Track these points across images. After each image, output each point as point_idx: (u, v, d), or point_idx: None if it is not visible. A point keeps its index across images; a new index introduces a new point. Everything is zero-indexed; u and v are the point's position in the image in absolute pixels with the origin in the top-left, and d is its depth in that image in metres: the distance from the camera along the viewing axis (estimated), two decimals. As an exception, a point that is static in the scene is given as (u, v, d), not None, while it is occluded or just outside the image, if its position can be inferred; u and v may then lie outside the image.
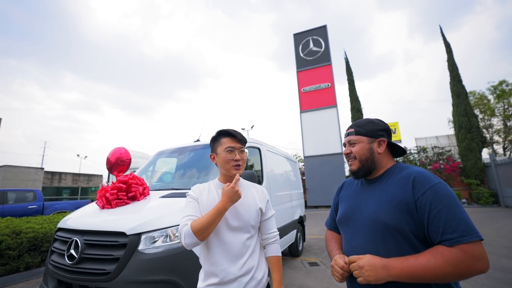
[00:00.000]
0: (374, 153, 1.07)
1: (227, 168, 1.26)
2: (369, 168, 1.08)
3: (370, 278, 0.87)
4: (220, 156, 1.27)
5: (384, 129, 1.11)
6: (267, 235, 1.33)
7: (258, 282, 1.20)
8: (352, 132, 1.12)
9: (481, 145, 14.77)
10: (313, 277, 3.93)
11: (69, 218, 2.55)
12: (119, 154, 2.93)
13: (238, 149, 1.27)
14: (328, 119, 17.02)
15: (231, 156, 1.25)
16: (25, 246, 4.13)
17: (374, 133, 1.09)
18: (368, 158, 1.07)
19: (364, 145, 1.08)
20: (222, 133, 1.31)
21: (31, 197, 9.17)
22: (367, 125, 1.11)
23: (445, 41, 16.93)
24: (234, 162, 1.25)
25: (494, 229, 6.88)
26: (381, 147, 1.09)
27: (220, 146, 1.29)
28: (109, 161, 2.91)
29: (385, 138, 1.09)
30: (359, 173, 1.10)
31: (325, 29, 18.56)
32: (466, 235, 0.81)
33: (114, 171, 2.89)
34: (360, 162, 1.08)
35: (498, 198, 12.98)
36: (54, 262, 2.20)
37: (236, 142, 1.28)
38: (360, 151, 1.08)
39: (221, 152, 1.27)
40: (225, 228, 1.20)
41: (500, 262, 4.15)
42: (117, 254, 1.95)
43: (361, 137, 1.10)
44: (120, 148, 3.03)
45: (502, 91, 20.35)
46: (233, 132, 1.29)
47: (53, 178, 22.89)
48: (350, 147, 1.12)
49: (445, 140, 19.38)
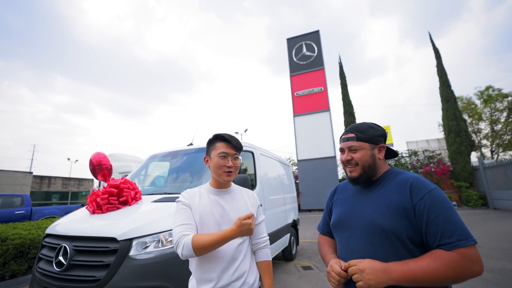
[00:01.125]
0: (375, 160, 1.07)
1: (219, 174, 1.25)
2: (370, 174, 1.07)
3: (371, 282, 0.86)
4: (213, 161, 1.26)
5: (383, 134, 1.10)
6: (258, 240, 1.32)
7: (250, 287, 1.19)
8: (352, 137, 1.09)
9: (470, 148, 15.10)
10: (307, 281, 3.91)
11: (58, 223, 2.49)
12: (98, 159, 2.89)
13: (232, 156, 1.26)
14: (321, 123, 17.16)
15: (224, 162, 1.24)
16: (11, 253, 4.00)
17: (375, 139, 1.08)
18: (370, 165, 1.06)
19: (367, 152, 1.06)
20: (218, 138, 1.30)
21: (18, 202, 8.89)
22: (368, 130, 1.08)
23: (434, 47, 17.36)
24: (226, 169, 1.24)
25: (483, 231, 7.01)
26: (381, 153, 1.08)
27: (214, 150, 1.28)
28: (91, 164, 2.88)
29: (384, 144, 1.10)
30: (360, 180, 1.08)
31: (318, 34, 18.82)
32: (463, 239, 0.83)
33: (97, 175, 2.85)
34: (362, 169, 1.06)
35: (487, 200, 13.24)
36: (41, 269, 2.13)
37: (230, 148, 1.27)
38: (363, 158, 1.06)
39: (214, 156, 1.26)
40: None
41: (490, 263, 4.21)
42: (108, 260, 1.91)
43: (363, 143, 1.07)
44: (99, 153, 2.98)
45: (488, 96, 20.94)
46: (229, 138, 1.28)
47: (42, 182, 22.30)
48: (351, 153, 1.09)
49: (435, 143, 19.78)
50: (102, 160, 2.86)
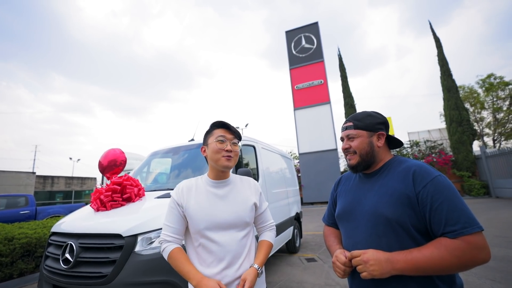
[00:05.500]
0: (374, 147, 1.06)
1: (217, 159, 1.17)
2: (368, 162, 1.07)
3: (375, 273, 0.86)
4: (211, 147, 1.19)
5: (382, 122, 1.09)
6: (263, 225, 1.31)
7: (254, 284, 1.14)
8: (350, 126, 1.10)
9: (471, 137, 15.04)
10: (311, 272, 3.95)
11: (63, 222, 2.50)
12: (112, 156, 2.87)
13: (230, 141, 1.20)
14: (322, 116, 17.10)
15: (222, 146, 1.17)
16: (18, 252, 4.05)
17: (373, 127, 1.07)
18: (368, 152, 1.06)
19: (364, 139, 1.06)
20: (215, 125, 1.24)
21: (23, 202, 8.97)
22: (366, 118, 1.09)
23: (435, 36, 17.14)
24: (225, 153, 1.16)
25: (486, 220, 7.03)
26: (380, 140, 1.07)
27: (211, 136, 1.21)
28: (101, 165, 2.84)
29: (383, 132, 1.08)
30: (359, 167, 1.08)
31: (316, 26, 18.60)
32: (469, 227, 0.82)
33: (106, 173, 2.84)
34: (360, 157, 1.06)
35: (489, 189, 13.25)
36: (48, 267, 2.16)
37: (228, 133, 1.21)
38: (360, 146, 1.06)
39: (212, 142, 1.19)
40: (219, 227, 1.13)
41: (493, 251, 4.23)
42: (114, 257, 1.93)
43: (360, 131, 1.07)
44: (114, 150, 2.96)
45: (490, 84, 20.76)
46: (227, 124, 1.23)
47: (45, 182, 22.46)
48: (349, 141, 1.10)
49: (437, 133, 19.68)
50: (117, 158, 2.85)
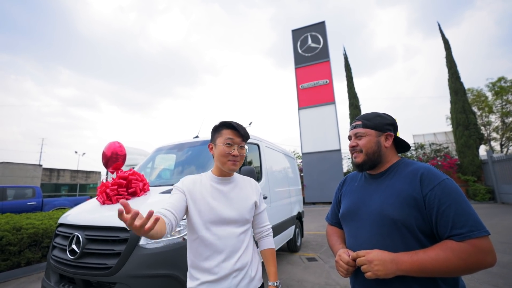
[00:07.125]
0: (381, 147, 1.07)
1: (223, 162, 1.20)
2: (374, 161, 1.07)
3: (380, 273, 0.86)
4: (218, 149, 1.21)
5: (391, 123, 1.10)
6: (261, 229, 1.32)
7: (251, 280, 1.16)
8: (359, 124, 1.10)
9: (478, 142, 14.83)
10: (312, 272, 3.98)
11: (69, 214, 2.57)
12: (113, 148, 2.94)
13: (238, 145, 1.21)
14: (326, 116, 17.02)
15: (229, 150, 1.19)
16: (26, 241, 4.16)
17: (381, 127, 1.08)
18: (375, 152, 1.06)
19: (372, 138, 1.07)
20: (225, 125, 1.24)
21: (30, 194, 9.17)
22: (375, 118, 1.09)
23: (443, 37, 16.89)
24: (231, 158, 1.19)
25: (490, 225, 6.95)
26: (388, 141, 1.08)
27: (220, 137, 1.22)
28: (105, 155, 2.91)
29: (392, 133, 1.09)
30: (364, 166, 1.08)
31: (323, 25, 18.48)
32: (475, 230, 0.82)
33: (109, 167, 2.90)
34: (366, 155, 1.07)
35: (495, 194, 13.07)
36: (56, 257, 2.23)
37: (237, 136, 1.22)
38: (367, 144, 1.07)
39: (220, 144, 1.21)
40: (220, 222, 1.15)
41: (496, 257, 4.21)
42: (119, 249, 1.98)
43: (369, 130, 1.08)
44: (114, 142, 3.03)
45: (500, 87, 20.39)
46: (236, 125, 1.22)
47: (51, 175, 22.83)
48: (356, 140, 1.10)
49: (442, 137, 19.46)
50: (117, 150, 2.91)
